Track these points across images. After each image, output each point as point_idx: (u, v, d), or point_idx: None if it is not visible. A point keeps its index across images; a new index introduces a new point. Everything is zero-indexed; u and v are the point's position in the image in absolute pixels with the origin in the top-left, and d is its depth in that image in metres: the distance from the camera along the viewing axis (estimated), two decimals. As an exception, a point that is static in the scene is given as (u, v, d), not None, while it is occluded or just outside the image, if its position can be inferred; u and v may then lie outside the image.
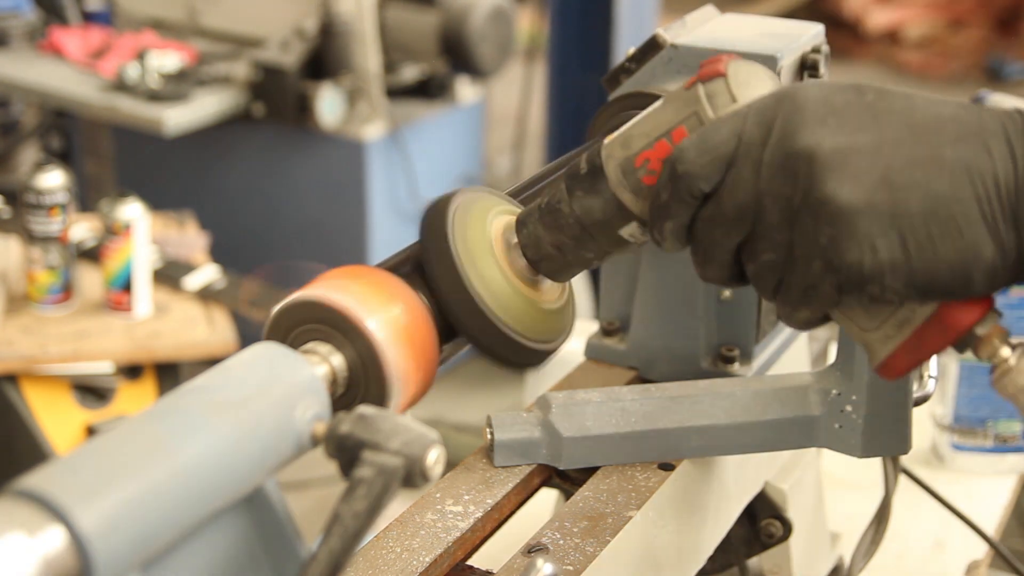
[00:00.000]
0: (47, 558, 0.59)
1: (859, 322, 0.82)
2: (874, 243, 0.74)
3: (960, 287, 0.75)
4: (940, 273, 0.74)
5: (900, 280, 0.75)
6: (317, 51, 3.62)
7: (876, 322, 0.81)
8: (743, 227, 0.80)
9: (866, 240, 0.74)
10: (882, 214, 0.74)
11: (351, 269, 0.85)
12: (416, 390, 0.85)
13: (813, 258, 0.77)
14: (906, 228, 0.74)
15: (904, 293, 0.76)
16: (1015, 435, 1.63)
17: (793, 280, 0.79)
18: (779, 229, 0.78)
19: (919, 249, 0.74)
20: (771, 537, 1.20)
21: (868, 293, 0.76)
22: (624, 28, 4.00)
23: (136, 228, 2.57)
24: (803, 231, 0.76)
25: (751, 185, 0.78)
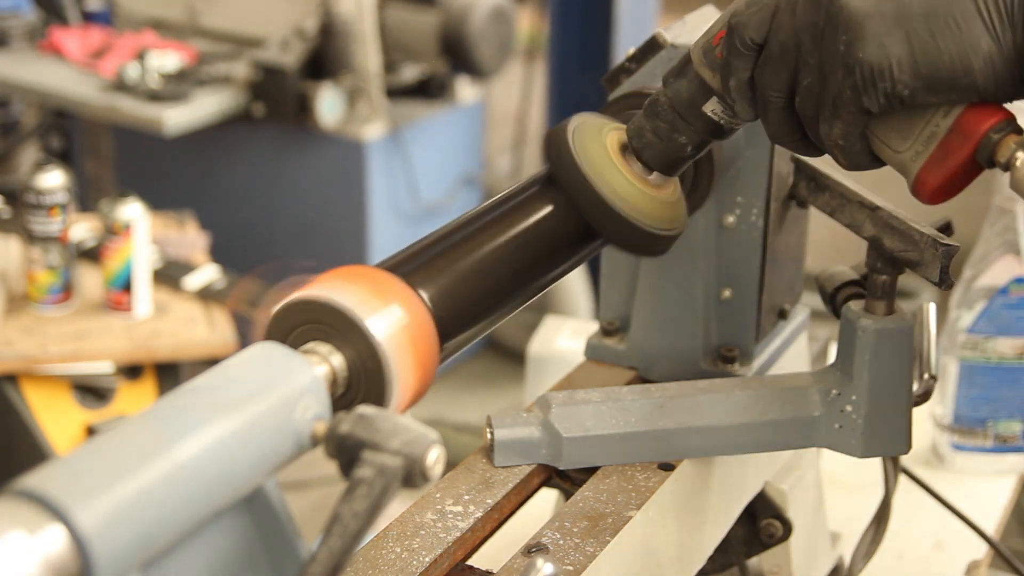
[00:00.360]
0: (47, 558, 0.59)
1: (892, 144, 0.88)
2: (882, 41, 0.83)
3: (963, 77, 0.82)
4: (942, 63, 0.82)
5: (907, 72, 0.83)
6: (317, 51, 3.63)
7: (908, 142, 0.87)
8: (788, 63, 0.88)
9: (875, 39, 0.83)
10: (888, 16, 0.83)
11: (351, 269, 0.85)
12: (416, 390, 0.85)
13: (836, 67, 0.85)
14: (910, 26, 0.82)
15: (912, 85, 0.83)
16: (1015, 435, 1.63)
17: (824, 95, 0.87)
18: (812, 52, 0.86)
19: (922, 44, 0.82)
20: (771, 537, 1.20)
21: (883, 89, 0.83)
22: (624, 28, 4.00)
23: (136, 228, 2.57)
24: (827, 46, 0.85)
25: (789, 23, 0.87)
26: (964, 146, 0.85)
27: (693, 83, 0.95)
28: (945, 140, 0.86)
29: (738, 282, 1.12)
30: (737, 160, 1.10)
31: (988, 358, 1.60)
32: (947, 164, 0.86)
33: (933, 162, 0.87)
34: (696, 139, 0.97)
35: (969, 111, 0.85)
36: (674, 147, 0.97)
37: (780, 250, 1.15)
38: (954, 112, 0.85)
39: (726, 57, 0.91)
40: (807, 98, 0.88)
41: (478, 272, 0.92)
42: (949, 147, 0.86)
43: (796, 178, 1.13)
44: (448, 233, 0.93)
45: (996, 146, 0.85)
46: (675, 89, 0.96)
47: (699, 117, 0.96)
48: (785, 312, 1.19)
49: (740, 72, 0.91)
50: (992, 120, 0.85)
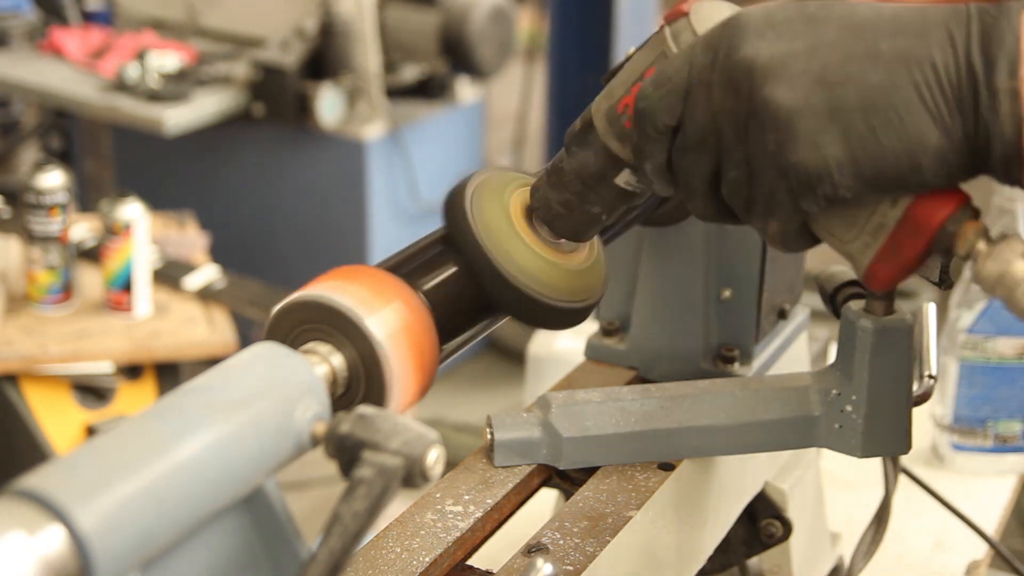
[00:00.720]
0: (47, 558, 0.59)
1: (838, 234, 0.82)
2: (816, 141, 0.76)
3: (911, 174, 0.76)
4: (886, 163, 0.75)
5: (848, 175, 0.76)
6: (317, 51, 3.62)
7: (853, 231, 0.81)
8: (708, 151, 0.81)
9: (807, 139, 0.76)
10: (821, 112, 0.76)
11: (351, 269, 0.85)
12: (416, 390, 0.85)
13: (767, 167, 0.78)
14: (846, 122, 0.75)
15: (856, 188, 0.77)
16: (1015, 435, 1.63)
17: (756, 192, 0.80)
18: (736, 145, 0.80)
19: (861, 141, 0.75)
20: (771, 537, 1.20)
21: (822, 193, 0.77)
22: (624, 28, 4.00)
23: (136, 228, 2.57)
24: (754, 141, 0.78)
25: (705, 108, 0.80)
26: (918, 239, 0.79)
27: (600, 155, 0.89)
28: (896, 232, 0.80)
29: (738, 282, 1.12)
30: (737, 160, 1.10)
31: (988, 358, 1.60)
32: (900, 258, 0.80)
33: (884, 255, 0.81)
34: (610, 207, 0.91)
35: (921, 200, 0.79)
36: (586, 217, 0.91)
37: (780, 250, 1.14)
38: (903, 202, 0.79)
39: (638, 142, 0.85)
40: (735, 191, 0.82)
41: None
42: (901, 240, 0.80)
43: (796, 178, 1.13)
44: (448, 233, 0.93)
45: (953, 237, 0.79)
46: (581, 160, 0.90)
47: (610, 189, 0.90)
48: (785, 312, 1.19)
49: (655, 156, 0.84)
50: (946, 210, 0.78)
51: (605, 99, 0.89)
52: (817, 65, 0.76)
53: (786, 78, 0.76)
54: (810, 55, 0.77)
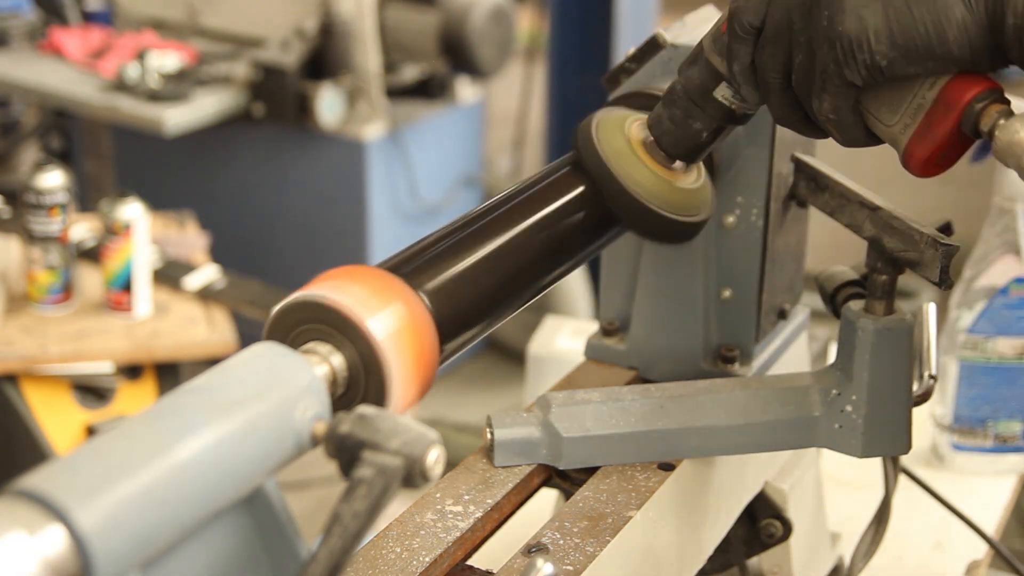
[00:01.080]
0: (47, 558, 0.59)
1: (883, 118, 0.89)
2: (860, 13, 0.85)
3: (938, 44, 0.84)
4: (917, 33, 0.84)
5: (884, 43, 0.85)
6: (317, 51, 3.63)
7: (896, 115, 0.89)
8: (783, 43, 0.90)
9: (853, 11, 0.85)
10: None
11: (351, 269, 0.85)
12: (416, 390, 0.85)
13: (821, 41, 0.87)
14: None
15: (891, 57, 0.85)
16: (1015, 435, 1.63)
17: (813, 69, 0.89)
18: (802, 31, 0.89)
19: (897, 14, 0.84)
20: (771, 537, 1.20)
21: (862, 60, 0.86)
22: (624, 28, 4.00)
23: (136, 228, 2.57)
24: (814, 22, 0.88)
25: (783, 5, 0.90)
26: (948, 116, 0.87)
27: (704, 70, 0.98)
28: (931, 111, 0.87)
29: (738, 282, 1.12)
30: (737, 160, 1.10)
31: (988, 358, 1.60)
32: (933, 135, 0.88)
33: (920, 134, 0.88)
34: (711, 125, 0.99)
35: (953, 81, 0.86)
36: (690, 133, 0.99)
37: (780, 250, 1.15)
38: (939, 83, 0.87)
39: (728, 43, 0.94)
40: (800, 75, 0.90)
41: (479, 272, 0.92)
42: (934, 118, 0.87)
43: (796, 178, 1.13)
44: (448, 233, 0.93)
45: (979, 115, 0.86)
46: (688, 76, 0.99)
47: (711, 103, 0.98)
48: (785, 312, 1.19)
49: (742, 57, 0.93)
50: (975, 89, 0.86)
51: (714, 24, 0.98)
52: None
53: None
54: None
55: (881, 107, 0.89)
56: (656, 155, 1.01)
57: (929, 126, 0.88)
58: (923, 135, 0.88)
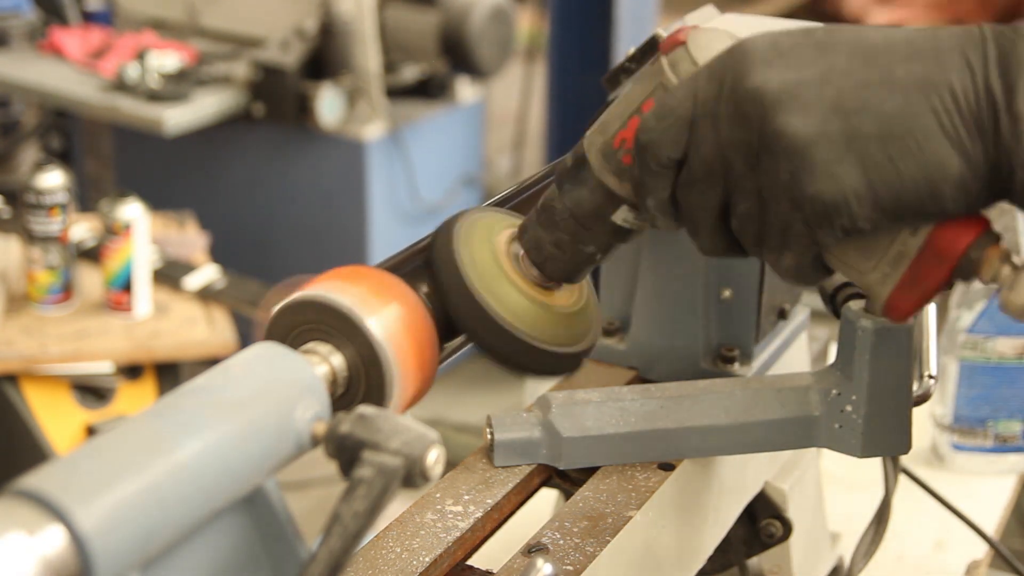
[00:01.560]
0: (47, 558, 0.59)
1: (855, 265, 0.80)
2: (832, 171, 0.73)
3: (931, 203, 0.74)
4: (906, 192, 0.73)
5: (867, 206, 0.74)
6: (317, 51, 3.62)
7: (872, 262, 0.79)
8: (716, 184, 0.79)
9: (824, 169, 0.73)
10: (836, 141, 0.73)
11: (351, 269, 0.85)
12: (416, 390, 0.85)
13: (780, 198, 0.76)
14: (863, 151, 0.73)
15: (875, 219, 0.74)
16: (1015, 435, 1.63)
17: (769, 225, 0.78)
18: (747, 176, 0.77)
19: (879, 171, 0.73)
20: (771, 537, 1.20)
21: (840, 225, 0.75)
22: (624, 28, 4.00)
23: (136, 228, 2.57)
24: (766, 172, 0.76)
25: (713, 140, 0.78)
26: (940, 268, 0.78)
27: (597, 192, 0.86)
28: (917, 261, 0.78)
29: (738, 282, 1.12)
30: (737, 160, 1.10)
31: (988, 358, 1.60)
32: (923, 287, 0.79)
33: (905, 285, 0.79)
34: (605, 246, 0.89)
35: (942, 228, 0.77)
36: (580, 258, 0.89)
37: (780, 250, 1.15)
38: (924, 230, 0.78)
39: (640, 177, 0.83)
40: (746, 224, 0.80)
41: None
42: (922, 269, 0.78)
43: (796, 178, 1.13)
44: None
45: (977, 264, 0.78)
46: (575, 199, 0.87)
47: (607, 227, 0.87)
48: (785, 312, 1.19)
49: (659, 192, 0.82)
50: (969, 237, 0.77)
51: (599, 134, 0.87)
52: (831, 92, 0.74)
53: (799, 107, 0.74)
54: (822, 82, 0.74)
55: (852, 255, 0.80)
56: (530, 271, 0.89)
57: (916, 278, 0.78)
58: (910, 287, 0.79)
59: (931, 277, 0.78)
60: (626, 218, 0.87)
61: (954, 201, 0.74)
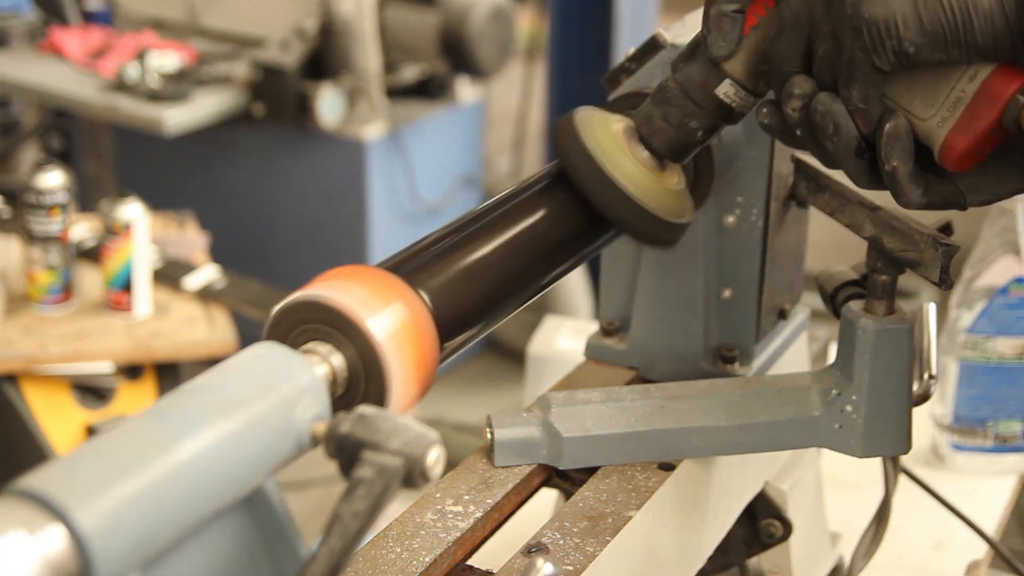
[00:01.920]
0: (47, 558, 0.59)
1: (917, 112, 0.88)
2: None
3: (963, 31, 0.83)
4: (944, 19, 0.83)
5: (912, 29, 0.83)
6: (317, 51, 3.63)
7: (933, 108, 0.87)
8: (801, 33, 0.89)
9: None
10: None
11: (351, 269, 0.85)
12: (416, 390, 0.85)
13: (845, 29, 0.86)
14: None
15: (918, 41, 0.84)
16: (1015, 435, 1.63)
17: (839, 59, 0.87)
18: (824, 20, 0.87)
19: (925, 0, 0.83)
20: (771, 537, 1.20)
21: (890, 46, 0.84)
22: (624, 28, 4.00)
23: (136, 228, 2.57)
24: (837, 10, 0.86)
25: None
26: (991, 110, 0.85)
27: (705, 66, 0.95)
28: (972, 104, 0.86)
29: (738, 282, 1.12)
30: (736, 160, 1.10)
31: (988, 358, 1.60)
32: (974, 128, 0.86)
33: (960, 127, 0.87)
34: (708, 123, 0.96)
35: (996, 74, 0.85)
36: (685, 132, 0.96)
37: (780, 250, 1.15)
38: (980, 75, 0.86)
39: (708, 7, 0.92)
40: (824, 66, 0.89)
41: (479, 272, 0.92)
42: (976, 111, 0.86)
43: (796, 178, 1.13)
44: (449, 232, 0.93)
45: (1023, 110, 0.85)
46: (686, 74, 0.96)
47: (711, 100, 0.95)
48: (785, 312, 1.19)
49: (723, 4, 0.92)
50: (1019, 83, 0.85)
51: None
52: None
53: None
54: None
55: (915, 101, 0.88)
56: (641, 154, 0.98)
57: (971, 119, 0.86)
58: (964, 128, 0.87)
59: (983, 118, 0.86)
60: (727, 92, 0.94)
61: (982, 34, 0.83)
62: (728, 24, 0.92)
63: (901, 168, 0.89)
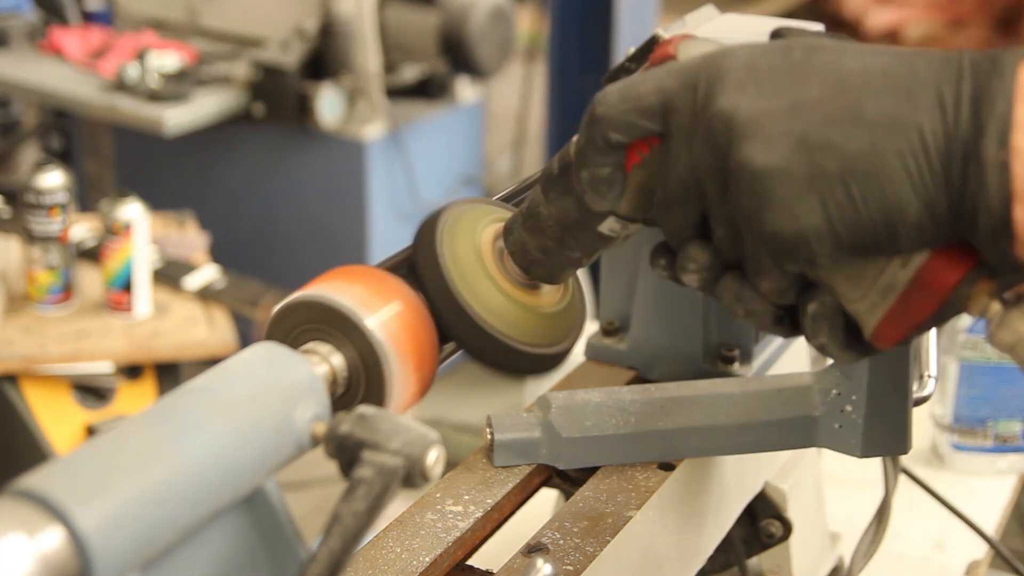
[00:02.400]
0: (47, 558, 0.59)
1: (844, 293, 0.79)
2: (793, 210, 0.72)
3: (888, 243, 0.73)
4: (864, 231, 0.72)
5: (827, 244, 0.73)
6: (317, 51, 3.62)
7: (860, 291, 0.78)
8: (694, 205, 0.78)
9: (784, 207, 0.72)
10: (799, 178, 0.72)
11: (351, 269, 0.85)
12: (416, 390, 0.85)
13: (747, 229, 0.76)
14: (825, 190, 0.72)
15: (835, 256, 0.74)
16: (1015, 435, 1.63)
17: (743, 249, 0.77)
18: (719, 202, 0.77)
19: (840, 209, 0.72)
20: (771, 537, 1.20)
21: (802, 259, 0.75)
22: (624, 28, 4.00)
23: (136, 228, 2.57)
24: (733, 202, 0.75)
25: (687, 161, 0.77)
26: (930, 301, 0.76)
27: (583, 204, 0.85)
28: (906, 294, 0.77)
29: (738, 282, 1.12)
30: (737, 160, 1.10)
31: (988, 358, 1.60)
32: (911, 318, 0.78)
33: (893, 316, 0.78)
34: (590, 251, 0.88)
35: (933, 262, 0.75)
36: (565, 262, 0.89)
37: (780, 250, 1.14)
38: (914, 262, 0.76)
39: (583, 147, 0.81)
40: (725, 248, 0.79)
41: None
42: (911, 302, 0.77)
43: (796, 178, 1.13)
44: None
45: (966, 300, 0.76)
46: (561, 207, 0.86)
47: (593, 236, 0.86)
48: (785, 312, 1.19)
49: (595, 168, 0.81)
50: (959, 273, 0.75)
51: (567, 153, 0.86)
52: (798, 127, 0.72)
53: (764, 139, 0.73)
54: (791, 115, 0.73)
55: (839, 280, 0.78)
56: (512, 268, 0.89)
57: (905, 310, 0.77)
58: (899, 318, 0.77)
59: (920, 310, 0.77)
60: (612, 228, 0.86)
61: (909, 241, 0.73)
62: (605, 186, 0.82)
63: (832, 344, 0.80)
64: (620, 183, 0.82)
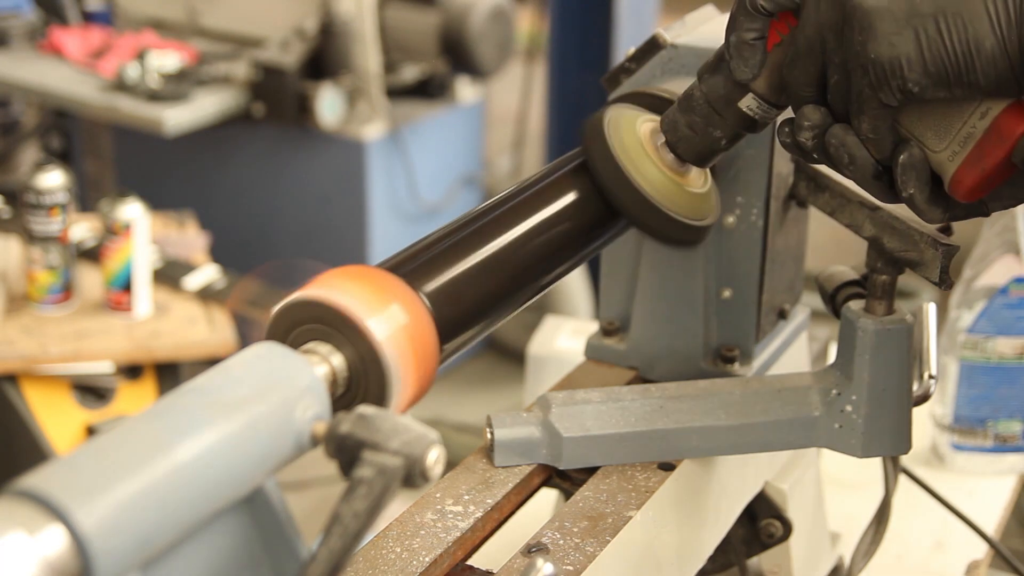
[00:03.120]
0: (47, 558, 0.59)
1: (928, 144, 0.89)
2: (892, 40, 0.85)
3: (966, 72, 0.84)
4: (948, 61, 0.85)
5: (916, 70, 0.85)
6: (317, 51, 3.63)
7: (944, 142, 0.89)
8: (816, 60, 0.90)
9: (885, 38, 0.86)
10: (898, 15, 0.86)
11: (351, 269, 0.85)
12: (416, 390, 0.85)
13: (855, 65, 0.88)
14: (919, 25, 0.85)
15: (922, 82, 0.85)
16: (1015, 435, 1.63)
17: (850, 92, 0.89)
18: (836, 51, 0.89)
19: (929, 41, 0.85)
20: (771, 537, 1.20)
21: (896, 85, 0.86)
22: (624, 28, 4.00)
23: (136, 228, 2.57)
24: (847, 43, 0.88)
25: (814, 20, 0.90)
26: (1001, 147, 0.87)
27: (729, 79, 0.96)
28: (982, 141, 0.87)
29: (738, 282, 1.12)
30: (737, 160, 1.10)
31: (988, 358, 1.60)
32: (983, 165, 0.88)
33: (970, 162, 0.88)
34: (731, 132, 0.98)
35: (1006, 113, 0.86)
36: (709, 140, 0.99)
37: (780, 250, 1.15)
38: (991, 113, 0.87)
39: (734, 12, 0.94)
40: (836, 95, 0.91)
41: (479, 272, 0.92)
42: (986, 148, 0.87)
43: (796, 178, 1.13)
44: (449, 233, 0.93)
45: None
46: (710, 85, 0.98)
47: (735, 112, 0.97)
48: (785, 312, 1.19)
49: (743, 32, 0.93)
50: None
51: None
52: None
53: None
54: None
55: (927, 133, 0.89)
56: (666, 157, 1.00)
57: (980, 156, 0.88)
58: (973, 164, 0.88)
59: (992, 155, 0.87)
60: (750, 106, 0.96)
61: (984, 76, 0.84)
62: (749, 51, 0.94)
63: (918, 195, 0.90)
64: (762, 53, 0.94)
